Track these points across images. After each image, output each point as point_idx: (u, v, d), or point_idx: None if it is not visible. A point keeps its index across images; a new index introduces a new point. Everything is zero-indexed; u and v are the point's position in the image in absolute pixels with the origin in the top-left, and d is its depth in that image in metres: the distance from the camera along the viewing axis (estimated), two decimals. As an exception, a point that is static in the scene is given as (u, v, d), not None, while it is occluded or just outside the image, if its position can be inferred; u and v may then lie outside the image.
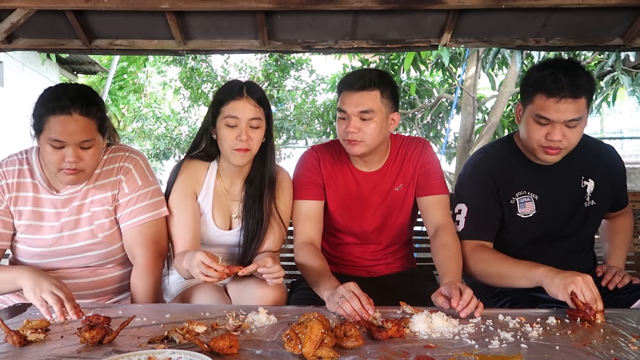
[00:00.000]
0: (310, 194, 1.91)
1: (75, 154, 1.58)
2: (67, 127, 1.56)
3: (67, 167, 1.60)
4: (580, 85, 1.62)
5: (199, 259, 1.49)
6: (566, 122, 1.64)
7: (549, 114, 1.64)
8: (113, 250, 1.79)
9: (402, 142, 1.98)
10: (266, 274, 1.52)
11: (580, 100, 1.63)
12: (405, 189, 1.94)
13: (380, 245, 1.99)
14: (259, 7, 2.15)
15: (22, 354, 1.18)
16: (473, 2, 2.15)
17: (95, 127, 1.63)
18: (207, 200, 1.84)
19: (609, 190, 1.88)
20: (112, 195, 1.75)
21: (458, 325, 1.35)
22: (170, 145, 10.62)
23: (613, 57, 4.93)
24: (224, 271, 1.47)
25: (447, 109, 7.62)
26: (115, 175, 1.75)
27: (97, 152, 1.66)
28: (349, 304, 1.39)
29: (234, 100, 1.73)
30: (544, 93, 1.64)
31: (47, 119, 1.57)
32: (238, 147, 1.72)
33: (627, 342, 1.24)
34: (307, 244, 1.84)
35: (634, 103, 11.99)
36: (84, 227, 1.74)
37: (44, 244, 1.73)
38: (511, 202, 1.84)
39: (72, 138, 1.57)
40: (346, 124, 1.80)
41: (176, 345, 1.21)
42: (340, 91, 1.84)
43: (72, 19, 2.29)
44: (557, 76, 1.62)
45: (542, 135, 1.68)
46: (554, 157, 1.72)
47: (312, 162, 1.95)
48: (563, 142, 1.67)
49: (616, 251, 1.99)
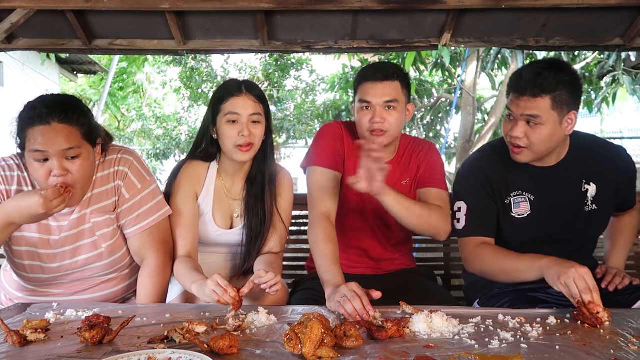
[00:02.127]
0: (330, 163, 1.86)
1: (60, 165, 1.49)
2: (47, 136, 1.48)
3: (55, 183, 1.49)
4: (541, 84, 1.62)
5: (215, 280, 1.45)
6: (524, 116, 1.66)
7: (512, 108, 1.70)
8: (116, 259, 1.75)
9: (410, 141, 2.00)
10: (263, 284, 1.49)
11: (538, 99, 1.62)
12: (410, 184, 1.95)
13: (386, 237, 1.98)
14: (259, 7, 2.15)
15: (22, 354, 1.18)
16: (473, 2, 2.15)
17: (79, 135, 1.53)
18: (207, 200, 1.84)
19: (613, 195, 1.86)
20: (112, 202, 1.70)
21: (458, 325, 1.34)
22: (170, 146, 10.61)
23: (614, 57, 4.93)
24: (236, 298, 1.43)
25: (446, 109, 7.62)
26: (112, 182, 1.70)
27: (86, 163, 1.56)
28: (350, 303, 1.39)
29: (234, 97, 1.74)
30: (511, 90, 1.71)
31: (27, 132, 1.50)
32: (240, 142, 1.72)
33: (627, 342, 1.24)
34: (324, 217, 1.78)
35: (634, 103, 11.99)
36: (85, 239, 1.69)
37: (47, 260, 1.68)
38: (506, 202, 1.84)
39: (53, 147, 1.48)
40: (371, 115, 1.78)
41: (176, 345, 1.21)
42: (360, 83, 1.83)
43: (72, 19, 2.29)
44: (522, 74, 1.67)
45: (507, 131, 1.72)
46: (517, 155, 1.73)
47: (336, 132, 1.92)
48: (523, 140, 1.68)
49: (618, 251, 1.98)
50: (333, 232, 1.77)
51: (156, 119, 11.37)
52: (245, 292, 1.47)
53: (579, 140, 1.85)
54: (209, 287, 1.46)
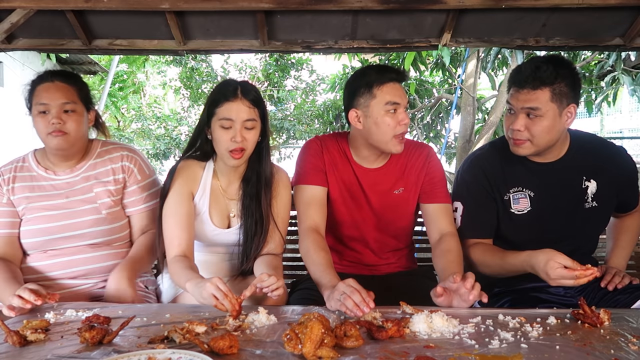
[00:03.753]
0: (314, 180, 1.89)
1: (58, 115, 1.79)
2: (50, 91, 1.80)
3: (52, 130, 1.78)
4: (540, 77, 1.65)
5: (215, 284, 1.43)
6: (524, 109, 1.68)
7: (512, 102, 1.72)
8: (116, 228, 1.92)
9: (407, 145, 1.95)
10: (265, 288, 1.48)
11: (538, 92, 1.65)
12: (407, 194, 1.93)
13: (382, 244, 1.98)
14: (259, 7, 2.14)
15: (22, 354, 1.18)
16: (473, 2, 2.15)
17: (75, 94, 1.84)
18: (203, 200, 1.84)
19: (614, 192, 1.86)
20: (115, 179, 1.92)
21: (458, 325, 1.34)
22: (170, 145, 10.63)
23: (614, 56, 4.93)
24: (235, 306, 1.40)
25: (447, 109, 7.62)
26: (119, 162, 1.94)
27: (80, 120, 1.85)
28: (350, 299, 1.39)
29: (228, 101, 1.72)
30: (512, 84, 1.73)
31: (35, 90, 1.83)
32: (233, 147, 1.72)
33: (627, 342, 1.24)
34: (312, 230, 1.80)
35: (634, 103, 12.01)
36: (87, 205, 1.87)
37: (49, 220, 1.83)
38: (505, 198, 1.84)
39: (54, 100, 1.79)
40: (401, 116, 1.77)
41: (176, 345, 1.21)
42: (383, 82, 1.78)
43: (72, 19, 2.28)
44: (522, 68, 1.70)
45: (509, 125, 1.74)
46: (518, 148, 1.75)
47: (316, 149, 1.94)
48: (524, 133, 1.70)
49: (619, 251, 1.98)
50: (323, 242, 1.79)
51: (156, 119, 11.38)
52: (248, 296, 1.45)
53: (579, 138, 1.86)
54: (207, 289, 1.44)
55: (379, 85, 1.76)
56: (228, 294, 1.41)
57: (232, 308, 1.39)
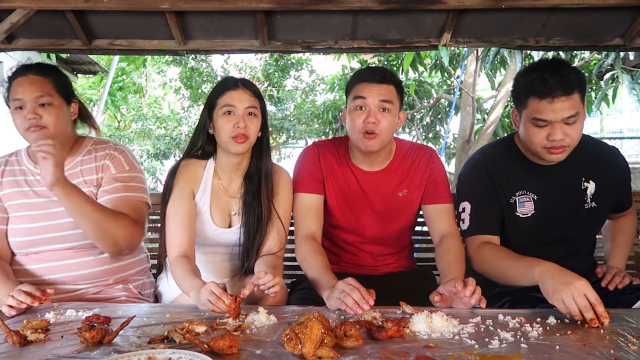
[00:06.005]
0: (310, 188, 1.91)
1: (33, 110, 1.74)
2: (23, 85, 1.76)
3: (29, 125, 1.74)
4: (570, 81, 1.62)
5: (209, 289, 1.43)
6: (564, 119, 1.64)
7: (546, 115, 1.65)
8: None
9: (409, 147, 1.98)
10: (262, 286, 1.47)
11: (573, 96, 1.63)
12: (411, 195, 1.93)
13: (381, 246, 1.99)
14: (259, 7, 2.14)
15: (22, 354, 1.18)
16: (473, 2, 2.15)
17: (51, 86, 1.78)
18: (204, 199, 1.84)
19: (610, 193, 1.87)
20: (96, 178, 1.85)
21: (458, 325, 1.34)
22: (170, 146, 10.60)
23: (612, 55, 4.93)
24: (231, 305, 1.39)
25: (446, 110, 7.62)
26: (101, 160, 1.86)
27: (59, 113, 1.79)
28: (350, 297, 1.40)
29: (230, 90, 1.76)
30: (536, 96, 1.65)
31: (10, 86, 1.79)
32: (236, 133, 1.73)
33: (627, 342, 1.24)
34: (308, 238, 1.83)
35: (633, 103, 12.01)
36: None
37: (31, 220, 1.79)
38: (510, 202, 1.84)
39: (28, 95, 1.74)
40: (365, 115, 1.78)
41: (176, 345, 1.21)
42: (356, 83, 1.83)
43: (72, 19, 2.28)
44: (544, 77, 1.63)
45: (543, 138, 1.68)
46: (559, 155, 1.71)
47: (312, 157, 1.95)
48: (565, 140, 1.67)
49: (618, 251, 1.99)
50: (320, 248, 1.82)
51: (156, 119, 11.36)
52: (246, 294, 1.46)
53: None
54: (202, 297, 1.44)
55: (354, 85, 1.84)
56: (221, 296, 1.41)
57: (227, 309, 1.39)
